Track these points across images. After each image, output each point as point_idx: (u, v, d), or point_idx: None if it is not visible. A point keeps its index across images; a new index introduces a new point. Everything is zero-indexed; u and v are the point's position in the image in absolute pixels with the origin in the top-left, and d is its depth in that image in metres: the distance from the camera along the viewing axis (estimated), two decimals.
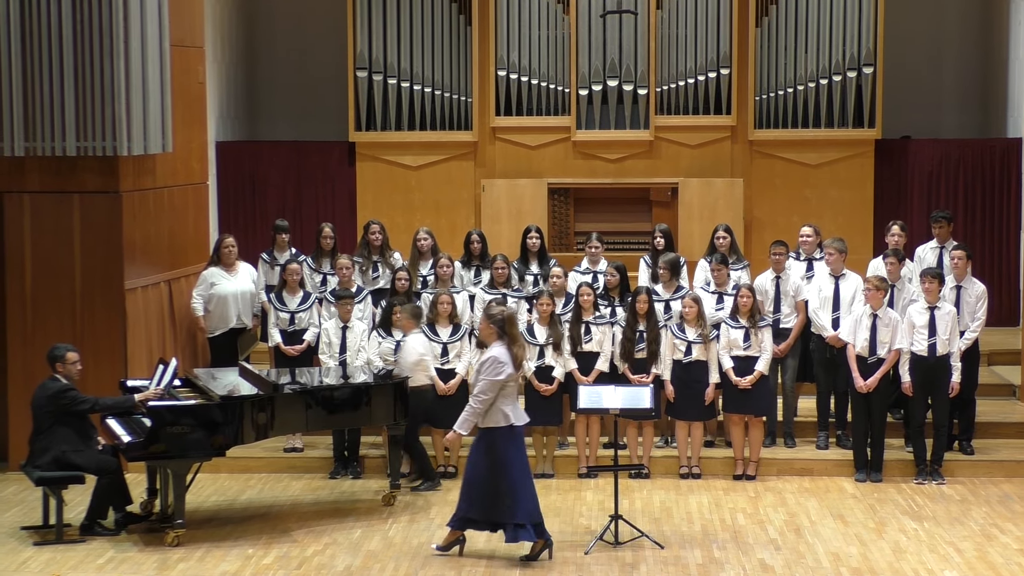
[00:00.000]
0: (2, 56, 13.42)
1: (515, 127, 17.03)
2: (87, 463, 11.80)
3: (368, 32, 16.96)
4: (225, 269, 14.63)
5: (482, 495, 11.13)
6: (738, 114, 16.89)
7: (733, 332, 13.42)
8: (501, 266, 14.21)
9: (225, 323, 14.64)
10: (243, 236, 15.37)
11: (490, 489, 11.11)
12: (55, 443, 11.73)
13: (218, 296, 14.58)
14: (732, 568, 11.02)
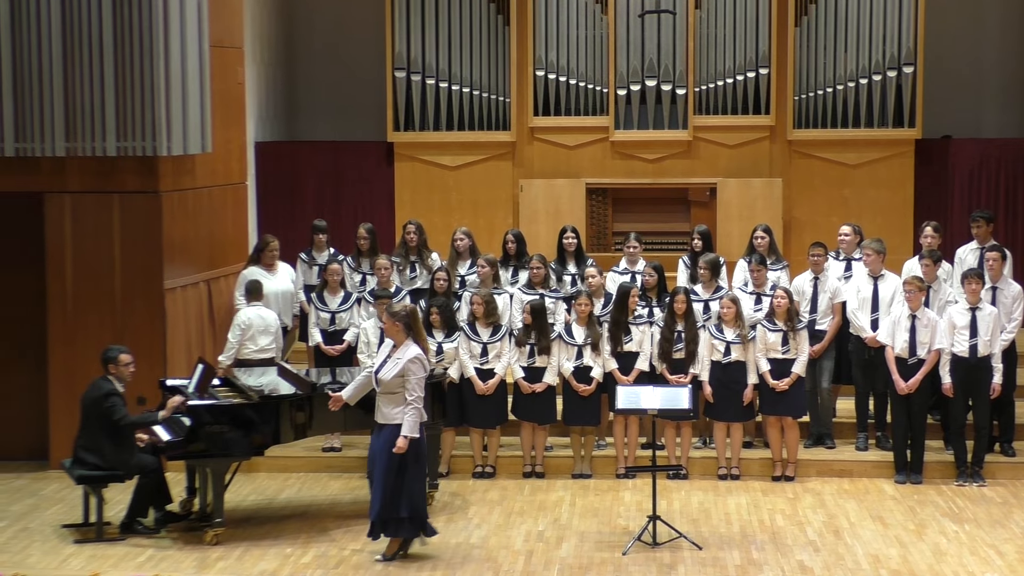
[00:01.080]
0: (44, 57, 13.50)
1: (553, 127, 17.01)
2: (127, 462, 11.84)
3: (406, 32, 16.97)
4: (265, 269, 14.67)
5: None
6: (777, 114, 16.83)
7: (771, 335, 13.37)
8: (538, 266, 14.19)
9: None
10: (281, 236, 15.39)
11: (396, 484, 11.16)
12: (98, 442, 11.78)
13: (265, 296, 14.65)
14: (771, 569, 10.99)
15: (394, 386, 11.03)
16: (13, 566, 10.74)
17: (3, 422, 14.39)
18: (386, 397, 11.08)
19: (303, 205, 17.31)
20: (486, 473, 13.70)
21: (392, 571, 10.97)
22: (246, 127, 16.35)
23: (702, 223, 15.50)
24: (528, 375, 13.48)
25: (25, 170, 13.74)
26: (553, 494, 13.15)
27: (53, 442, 13.90)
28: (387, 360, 11.12)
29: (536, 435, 13.68)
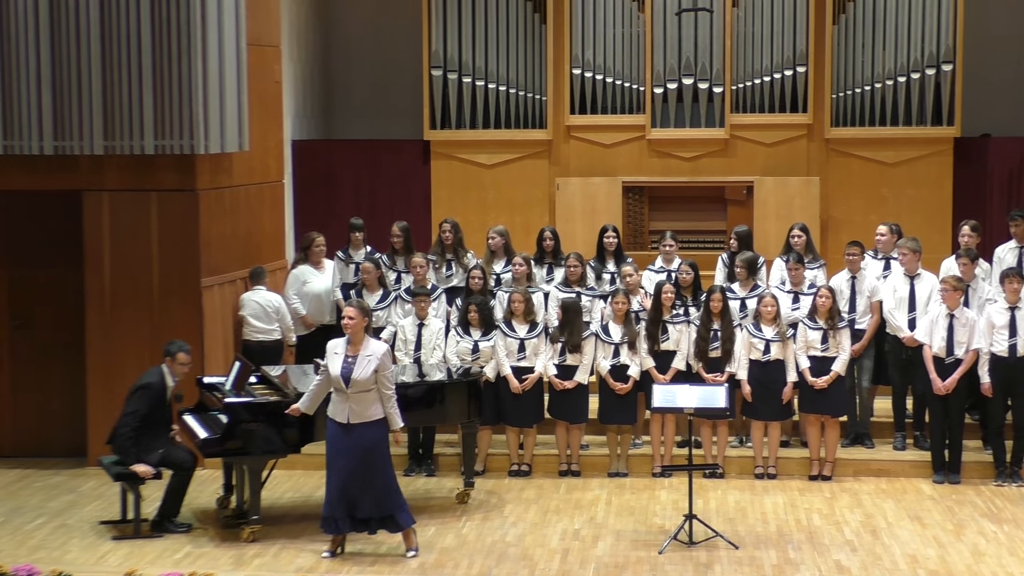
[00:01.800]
0: (82, 56, 13.56)
1: (590, 125, 16.99)
2: (133, 453, 11.84)
3: (443, 30, 16.98)
4: (314, 267, 14.73)
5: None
6: (815, 112, 16.76)
7: (811, 333, 13.33)
8: (575, 264, 14.18)
9: (320, 319, 14.75)
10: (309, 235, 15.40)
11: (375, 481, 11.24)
12: (134, 430, 11.84)
13: (312, 294, 14.69)
14: (808, 569, 10.95)
15: (368, 383, 11.06)
16: (51, 562, 10.80)
17: (41, 419, 14.47)
18: (359, 396, 11.07)
19: (340, 203, 17.32)
20: (522, 471, 13.70)
21: (428, 568, 10.97)
22: (283, 125, 16.39)
23: (739, 222, 15.46)
24: (560, 373, 13.47)
25: (64, 168, 13.82)
26: (589, 492, 13.14)
27: (91, 439, 13.96)
28: (350, 360, 11.11)
29: (572, 434, 13.67)
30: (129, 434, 11.81)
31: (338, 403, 11.13)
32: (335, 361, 11.13)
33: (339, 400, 11.12)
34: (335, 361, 11.13)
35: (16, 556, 11.15)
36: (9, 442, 14.53)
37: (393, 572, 10.92)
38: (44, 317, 14.46)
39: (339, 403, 11.12)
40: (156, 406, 11.94)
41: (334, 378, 11.09)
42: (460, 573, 10.81)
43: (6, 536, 11.88)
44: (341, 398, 11.11)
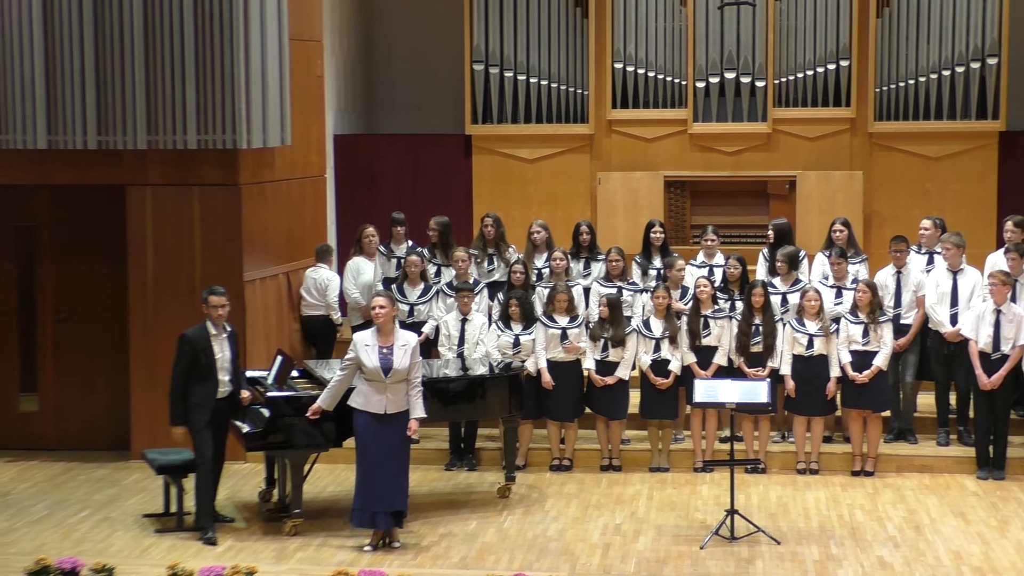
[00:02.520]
0: (126, 52, 13.62)
1: (631, 120, 16.97)
2: (181, 415, 11.67)
3: (485, 25, 16.98)
4: (368, 258, 14.81)
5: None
6: (858, 106, 16.68)
7: (852, 327, 13.28)
8: (616, 259, 14.15)
9: None
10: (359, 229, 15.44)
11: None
12: (177, 387, 11.68)
13: (366, 284, 14.73)
14: (850, 565, 10.90)
15: (404, 373, 11.20)
16: (95, 555, 10.84)
17: (85, 412, 14.54)
18: (396, 386, 11.20)
19: (382, 198, 17.36)
20: (563, 466, 13.69)
21: (469, 562, 10.98)
22: (325, 120, 16.43)
23: (781, 216, 15.40)
24: (600, 368, 13.45)
25: (107, 163, 13.89)
26: (630, 487, 13.12)
27: (134, 432, 14.04)
28: (386, 351, 11.20)
29: (612, 428, 13.65)
30: (174, 392, 11.62)
31: (372, 394, 11.19)
32: (369, 353, 11.18)
33: (374, 391, 11.18)
34: (369, 353, 11.18)
35: (60, 549, 11.21)
36: (53, 436, 14.62)
37: (436, 566, 10.92)
38: (87, 311, 14.53)
39: (374, 394, 11.18)
40: (197, 359, 11.57)
41: (371, 370, 11.14)
42: (501, 567, 10.81)
43: (51, 529, 11.96)
44: (377, 389, 11.16)
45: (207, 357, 11.57)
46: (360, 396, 11.26)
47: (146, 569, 10.65)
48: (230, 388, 11.77)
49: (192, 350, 11.56)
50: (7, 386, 14.67)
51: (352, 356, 11.27)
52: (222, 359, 11.66)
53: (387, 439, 11.20)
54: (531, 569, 10.71)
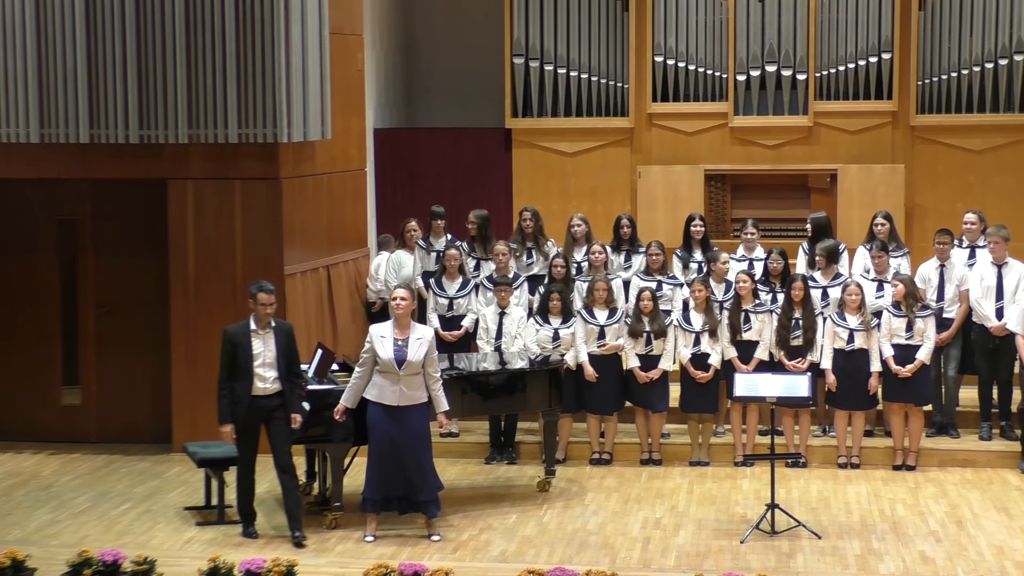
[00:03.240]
0: (167, 46, 13.68)
1: (672, 113, 16.92)
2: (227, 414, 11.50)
3: (525, 19, 16.97)
4: (410, 252, 14.84)
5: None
6: (900, 99, 16.60)
7: (895, 320, 13.21)
8: (656, 252, 14.12)
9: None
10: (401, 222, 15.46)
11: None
12: (222, 385, 11.50)
13: (408, 279, 14.75)
14: (892, 559, 10.85)
15: (419, 366, 11.24)
16: (137, 547, 10.90)
17: (127, 406, 14.60)
18: (410, 379, 11.24)
19: (421, 191, 17.36)
20: (603, 460, 13.68)
21: (509, 556, 10.97)
22: (365, 114, 16.44)
23: (822, 210, 15.34)
24: (644, 363, 13.42)
25: (149, 156, 13.94)
26: (670, 481, 13.10)
27: (175, 425, 14.09)
28: (401, 343, 11.24)
29: (652, 422, 13.63)
30: (219, 389, 11.45)
31: (386, 386, 11.24)
32: (384, 345, 11.23)
33: (388, 383, 11.23)
34: (384, 345, 11.23)
35: (103, 541, 11.27)
36: (95, 429, 14.69)
37: (475, 559, 10.93)
38: (129, 304, 14.59)
39: (388, 386, 11.24)
40: (236, 355, 11.38)
41: (385, 362, 11.19)
42: (541, 561, 10.80)
43: (93, 521, 12.02)
44: (390, 381, 11.22)
45: (244, 353, 11.37)
46: (374, 388, 11.31)
47: (187, 561, 10.68)
48: (274, 386, 11.44)
49: (230, 345, 11.42)
50: (50, 379, 14.74)
51: (369, 348, 11.31)
52: (262, 356, 11.42)
53: (398, 431, 11.27)
54: (571, 563, 10.69)
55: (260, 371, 11.38)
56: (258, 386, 11.38)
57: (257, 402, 11.38)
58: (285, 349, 11.46)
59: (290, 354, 11.49)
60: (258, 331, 11.44)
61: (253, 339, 11.41)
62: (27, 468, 13.79)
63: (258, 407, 11.39)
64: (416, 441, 11.36)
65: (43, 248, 14.67)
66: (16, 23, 13.82)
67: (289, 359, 11.47)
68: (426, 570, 9.77)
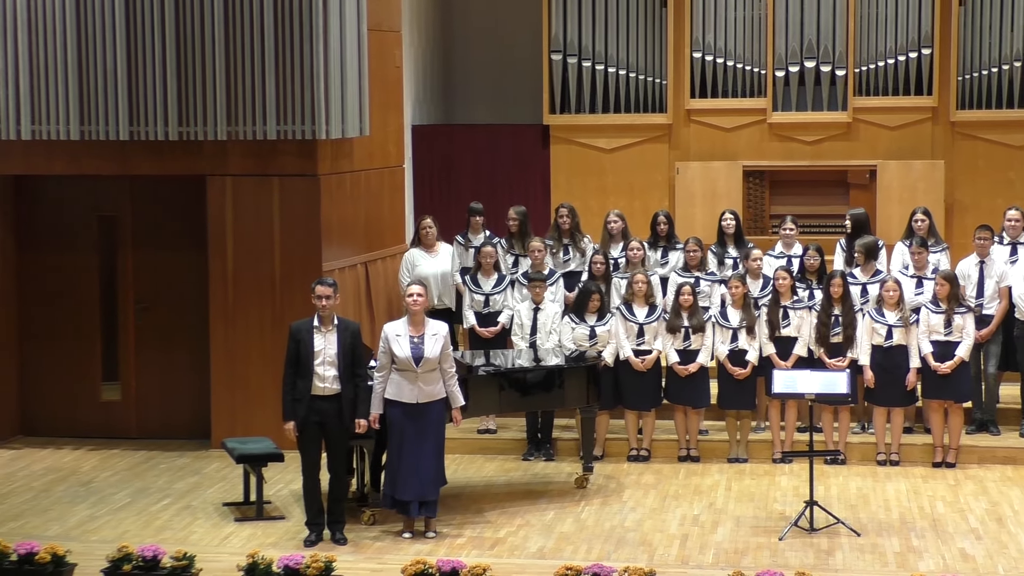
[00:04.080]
0: (206, 43, 13.72)
1: (710, 109, 16.87)
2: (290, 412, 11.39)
3: (563, 14, 16.95)
4: (426, 250, 14.78)
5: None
6: (940, 95, 16.51)
7: (934, 317, 13.15)
8: (694, 248, 14.10)
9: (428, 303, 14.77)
10: (438, 219, 15.47)
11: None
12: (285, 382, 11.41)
13: (420, 277, 14.72)
14: (931, 557, 10.81)
15: (435, 362, 11.26)
16: (176, 543, 10.93)
17: (166, 401, 14.66)
18: (427, 375, 11.27)
19: (459, 188, 17.37)
20: (641, 456, 13.66)
21: (547, 552, 10.97)
22: (403, 110, 16.46)
23: (861, 206, 15.28)
24: (682, 358, 13.40)
25: (188, 153, 13.99)
26: (708, 478, 13.07)
27: (214, 421, 14.14)
28: (416, 340, 11.26)
29: (690, 419, 13.61)
30: (283, 388, 11.35)
31: (404, 384, 11.26)
32: (400, 343, 11.25)
33: (405, 381, 11.25)
34: (400, 343, 11.25)
35: (142, 537, 11.32)
36: (135, 424, 14.75)
37: (513, 556, 10.93)
38: (168, 300, 14.64)
39: (406, 384, 11.26)
40: (298, 351, 11.24)
41: (403, 360, 11.21)
42: (579, 558, 10.78)
43: (132, 516, 12.07)
44: (408, 379, 11.24)
45: (305, 350, 11.22)
46: (392, 386, 11.32)
47: (226, 557, 10.72)
48: (334, 386, 11.25)
49: (293, 342, 11.29)
50: (90, 375, 14.82)
51: (385, 349, 11.31)
52: (323, 353, 11.20)
53: (418, 429, 11.30)
54: (609, 560, 10.68)
55: (319, 369, 11.22)
56: (317, 384, 11.23)
57: (316, 402, 11.25)
58: (348, 348, 11.27)
59: (354, 353, 11.31)
60: (320, 328, 11.31)
61: (315, 336, 11.26)
62: (67, 464, 13.86)
63: (316, 408, 11.26)
64: (434, 438, 11.39)
65: (83, 244, 14.74)
66: (57, 21, 13.89)
67: (353, 359, 11.29)
68: (464, 566, 9.76)
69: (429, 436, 11.37)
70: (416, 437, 11.31)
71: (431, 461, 11.39)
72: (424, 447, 11.33)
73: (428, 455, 11.36)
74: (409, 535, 11.38)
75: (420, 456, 11.32)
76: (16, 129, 14.01)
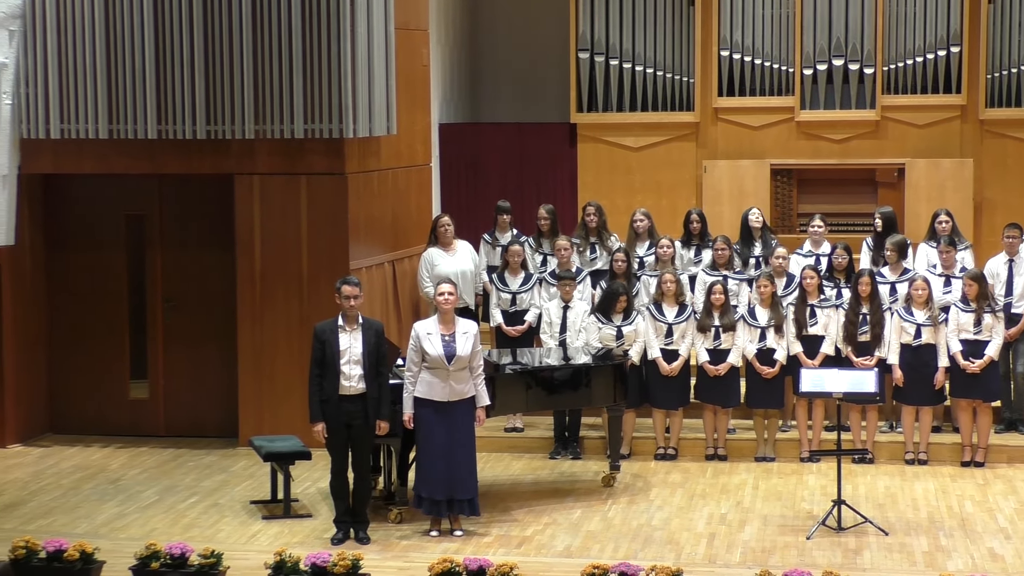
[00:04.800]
0: (234, 42, 13.74)
1: (738, 107, 16.84)
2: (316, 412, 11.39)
3: (590, 13, 16.94)
4: (444, 249, 14.75)
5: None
6: (969, 93, 16.44)
7: (963, 316, 13.10)
8: (722, 247, 14.07)
9: None
10: (465, 217, 15.48)
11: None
12: (311, 382, 11.40)
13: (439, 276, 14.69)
14: (960, 556, 10.76)
15: (467, 360, 11.26)
16: (204, 541, 10.94)
17: (194, 400, 14.69)
18: (458, 374, 11.27)
19: (486, 186, 17.37)
20: (668, 455, 13.64)
21: (574, 551, 10.96)
22: (430, 109, 16.46)
23: (889, 204, 15.23)
24: (712, 357, 13.38)
25: (216, 152, 14.01)
26: (736, 477, 13.05)
27: (242, 419, 14.16)
28: (448, 338, 11.26)
29: (718, 418, 13.58)
30: (310, 388, 11.34)
31: (435, 383, 11.25)
32: (432, 341, 11.25)
33: (437, 380, 11.25)
34: (432, 341, 11.25)
35: (170, 534, 11.35)
36: (163, 422, 14.79)
37: (540, 554, 10.92)
38: (196, 299, 14.68)
39: (437, 383, 11.25)
40: (324, 351, 11.23)
41: (435, 358, 11.21)
42: (605, 556, 10.77)
43: (160, 514, 12.10)
44: (440, 377, 11.24)
45: (331, 350, 11.23)
46: (423, 385, 11.32)
47: (253, 555, 10.73)
48: (359, 385, 11.25)
49: (319, 342, 11.30)
50: (118, 373, 14.86)
51: (415, 348, 11.31)
52: (348, 353, 11.21)
53: (449, 427, 11.30)
54: (636, 558, 10.67)
55: (345, 368, 11.23)
56: (343, 384, 11.24)
57: (343, 402, 11.27)
58: (373, 348, 11.29)
59: (378, 353, 11.33)
60: (345, 328, 11.31)
61: (340, 335, 11.27)
62: (95, 462, 13.91)
63: (343, 408, 11.28)
64: (465, 436, 11.39)
65: (111, 243, 14.78)
66: (85, 20, 13.92)
67: (377, 358, 11.31)
68: (491, 565, 9.77)
69: (460, 434, 11.36)
70: (447, 435, 11.31)
71: (463, 459, 11.38)
72: (455, 445, 11.33)
73: (460, 453, 11.36)
74: (436, 533, 11.38)
75: (451, 454, 11.32)
76: (45, 128, 14.06)
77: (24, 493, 12.80)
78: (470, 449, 11.47)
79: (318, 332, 11.37)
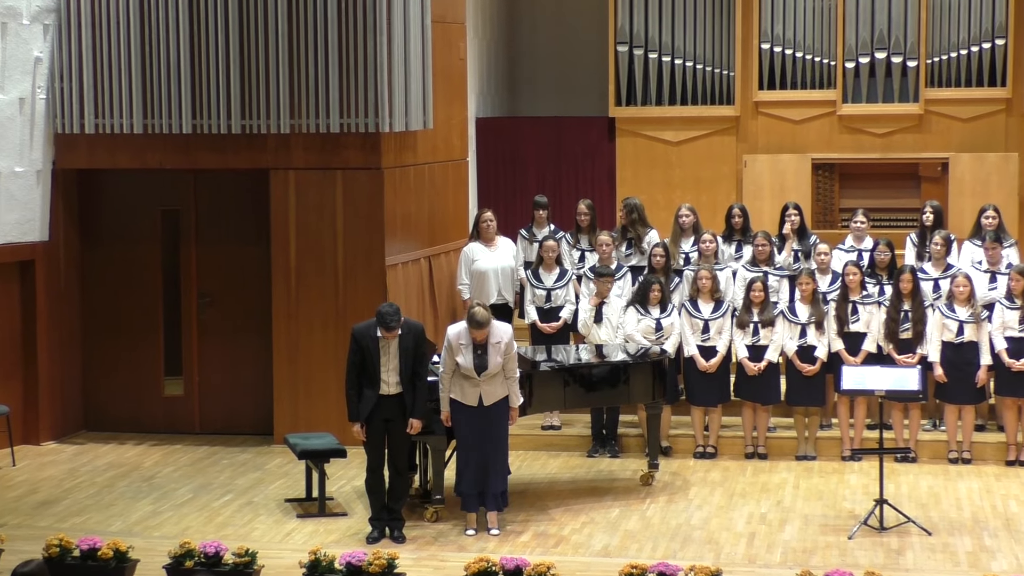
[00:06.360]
0: (269, 36, 13.71)
1: (778, 101, 16.69)
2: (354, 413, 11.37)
3: (629, 6, 16.81)
4: (485, 244, 14.64)
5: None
6: (1014, 86, 16.25)
7: (1008, 313, 12.92)
8: (762, 243, 13.92)
9: (485, 299, 14.56)
10: (502, 212, 15.37)
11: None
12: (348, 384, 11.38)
13: (478, 272, 14.58)
14: (1004, 557, 10.62)
15: (498, 369, 11.24)
16: (238, 539, 10.89)
17: (229, 397, 14.66)
18: (490, 380, 11.23)
19: (524, 181, 17.29)
20: (707, 453, 13.51)
21: (612, 550, 10.85)
22: (467, 103, 16.38)
23: (933, 199, 15.05)
24: (751, 353, 13.23)
25: (251, 147, 13.98)
26: (776, 475, 12.91)
27: (277, 416, 14.11)
28: (480, 351, 11.20)
29: (758, 415, 13.44)
30: (347, 389, 11.32)
31: (467, 387, 11.26)
32: (464, 352, 11.23)
33: (469, 385, 11.25)
34: (464, 352, 11.23)
35: (204, 532, 11.31)
36: (198, 420, 14.75)
37: (578, 554, 10.83)
38: (231, 294, 14.64)
39: (469, 387, 11.26)
40: (364, 355, 11.18)
41: (466, 369, 11.19)
42: (644, 556, 10.66)
43: (194, 512, 12.05)
44: (471, 383, 11.24)
45: (370, 357, 11.19)
46: (456, 388, 11.31)
47: (288, 554, 10.66)
48: (398, 387, 11.22)
49: (357, 345, 11.26)
50: (152, 370, 14.83)
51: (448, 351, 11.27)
52: (389, 363, 11.20)
53: (483, 427, 11.30)
54: (674, 558, 10.54)
55: (385, 375, 11.23)
56: (382, 387, 11.24)
57: (381, 401, 11.25)
58: (412, 350, 11.26)
59: (417, 355, 11.30)
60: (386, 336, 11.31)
61: (380, 344, 11.24)
62: (129, 459, 13.87)
63: (381, 406, 11.26)
64: (499, 434, 11.39)
65: (146, 238, 14.75)
66: (120, 16, 13.92)
67: (415, 360, 11.29)
68: (528, 564, 9.65)
69: (493, 430, 11.34)
70: (480, 436, 11.30)
71: (495, 454, 11.37)
72: (486, 441, 11.32)
73: (491, 448, 11.34)
74: (472, 532, 11.30)
75: (485, 452, 11.31)
76: (80, 123, 14.06)
77: (58, 491, 12.77)
78: (502, 445, 11.44)
79: (357, 336, 11.29)
